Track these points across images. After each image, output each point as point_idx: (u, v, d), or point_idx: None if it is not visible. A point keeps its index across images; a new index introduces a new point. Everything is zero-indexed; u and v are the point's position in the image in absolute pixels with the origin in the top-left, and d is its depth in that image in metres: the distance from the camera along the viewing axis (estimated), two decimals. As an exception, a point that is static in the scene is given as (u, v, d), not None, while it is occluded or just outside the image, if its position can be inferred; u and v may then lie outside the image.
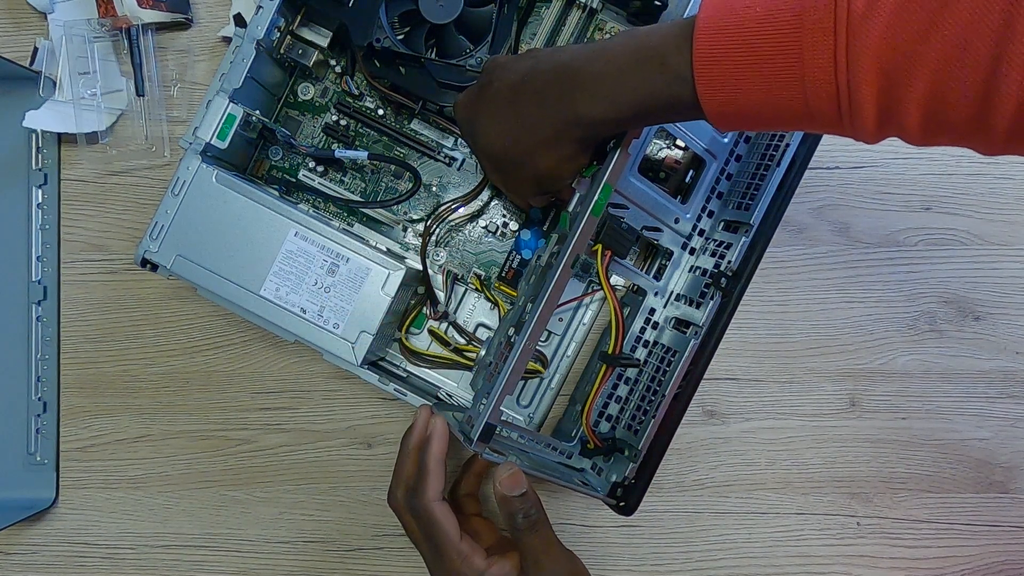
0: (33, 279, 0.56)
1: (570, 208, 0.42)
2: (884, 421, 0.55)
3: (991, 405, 0.55)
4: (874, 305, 0.55)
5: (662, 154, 0.51)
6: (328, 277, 0.46)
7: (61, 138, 0.56)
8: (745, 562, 0.54)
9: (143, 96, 0.55)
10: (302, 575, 0.55)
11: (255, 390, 0.55)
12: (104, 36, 0.54)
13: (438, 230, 0.53)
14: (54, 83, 0.54)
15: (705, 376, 0.46)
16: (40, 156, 0.56)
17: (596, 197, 0.39)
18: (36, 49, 0.55)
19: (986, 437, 0.55)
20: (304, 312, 0.45)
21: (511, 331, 0.43)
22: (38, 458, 0.56)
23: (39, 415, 0.56)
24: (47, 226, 0.56)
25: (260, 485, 0.55)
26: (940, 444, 0.55)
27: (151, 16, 0.53)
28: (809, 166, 0.46)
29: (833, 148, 0.55)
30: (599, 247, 0.44)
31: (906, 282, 0.55)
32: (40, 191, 0.56)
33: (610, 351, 0.47)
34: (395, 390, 0.47)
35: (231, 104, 0.46)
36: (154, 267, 0.46)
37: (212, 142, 0.46)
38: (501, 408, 0.40)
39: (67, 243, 0.56)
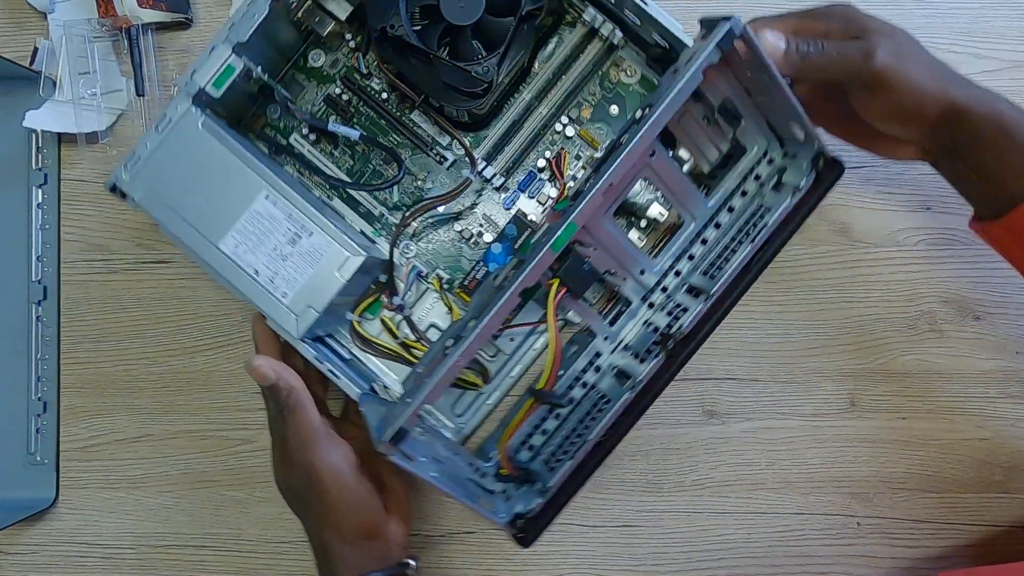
0: (33, 279, 0.56)
1: (534, 238, 0.41)
2: (884, 421, 0.55)
3: (991, 405, 0.55)
4: (874, 305, 0.55)
5: (646, 203, 0.50)
6: (288, 246, 0.45)
7: (61, 138, 0.56)
8: (745, 562, 0.54)
9: (143, 96, 0.55)
10: (302, 575, 0.55)
11: (255, 390, 0.55)
12: (104, 36, 0.54)
13: (414, 224, 0.53)
14: (54, 83, 0.54)
15: (705, 376, 0.46)
16: (40, 156, 0.56)
17: (559, 233, 0.39)
18: (36, 49, 0.55)
19: (986, 437, 0.54)
20: (257, 274, 0.45)
21: (449, 342, 0.42)
22: (38, 458, 0.56)
23: (39, 415, 0.56)
24: (47, 226, 0.56)
25: (260, 485, 0.55)
26: (940, 444, 0.54)
27: (151, 16, 0.53)
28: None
29: (833, 149, 0.55)
30: (556, 281, 0.43)
31: (906, 282, 0.55)
32: (40, 191, 0.56)
33: (540, 386, 0.45)
34: (329, 371, 0.46)
35: (233, 56, 0.45)
36: (123, 195, 0.45)
37: (206, 88, 0.45)
38: (435, 413, 0.39)
39: (67, 243, 0.56)
